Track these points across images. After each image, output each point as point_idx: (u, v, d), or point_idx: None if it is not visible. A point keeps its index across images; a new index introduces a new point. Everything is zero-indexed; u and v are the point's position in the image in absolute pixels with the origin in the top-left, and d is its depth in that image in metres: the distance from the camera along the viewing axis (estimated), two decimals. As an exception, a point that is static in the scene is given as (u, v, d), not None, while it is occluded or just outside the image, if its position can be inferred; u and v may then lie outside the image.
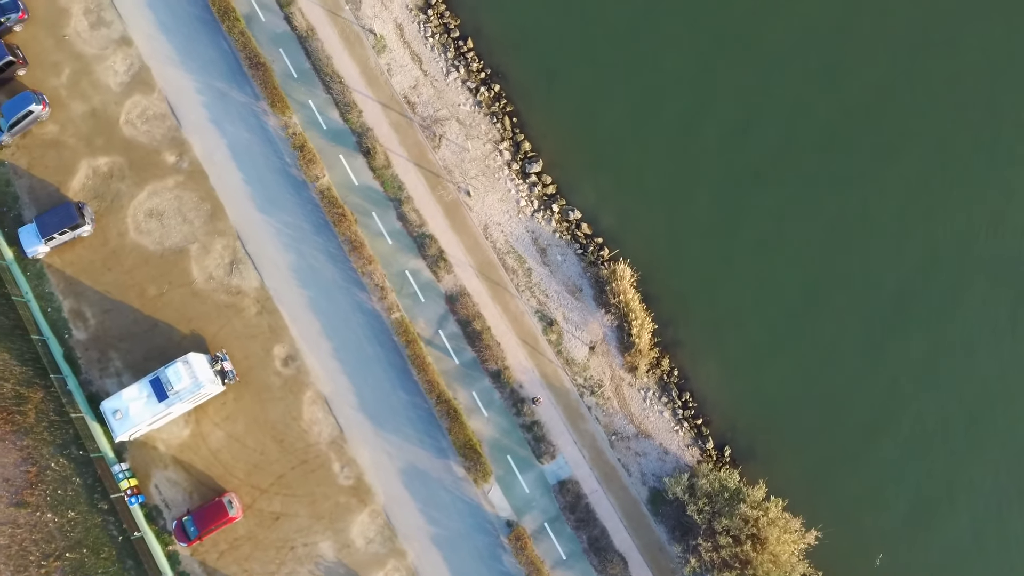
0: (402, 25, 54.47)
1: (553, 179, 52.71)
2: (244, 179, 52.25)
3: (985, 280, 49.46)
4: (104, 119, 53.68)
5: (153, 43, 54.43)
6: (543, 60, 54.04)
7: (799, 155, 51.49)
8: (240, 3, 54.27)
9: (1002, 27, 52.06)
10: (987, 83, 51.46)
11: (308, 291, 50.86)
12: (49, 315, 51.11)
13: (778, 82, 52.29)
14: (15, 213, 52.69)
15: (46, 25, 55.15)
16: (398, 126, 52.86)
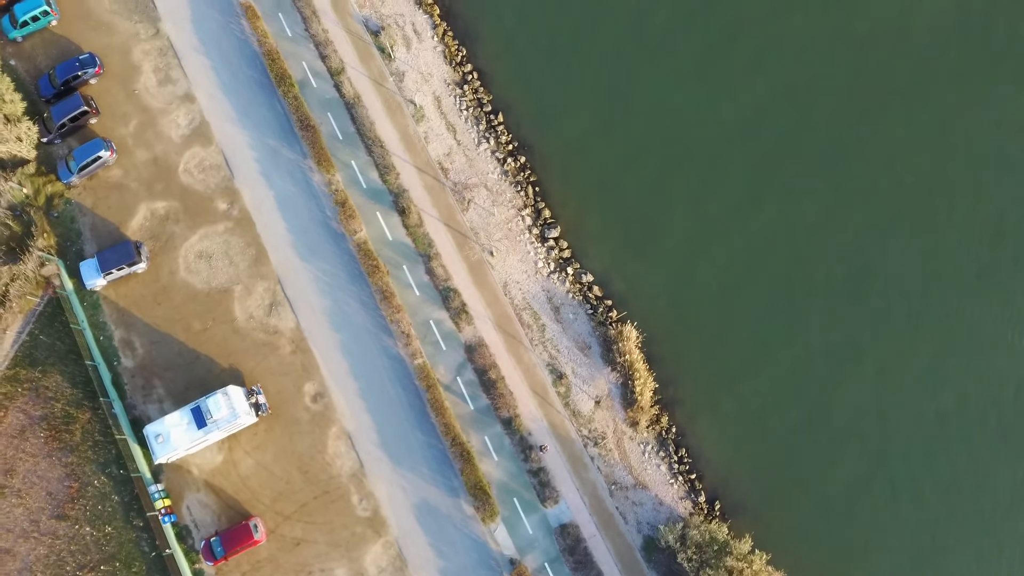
0: (440, 98, 60.10)
1: (569, 244, 57.60)
2: (288, 228, 57.36)
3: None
4: (164, 167, 59.12)
5: (214, 101, 60.16)
6: (565, 137, 59.33)
7: (797, 235, 56.30)
8: (295, 69, 60.14)
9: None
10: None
11: (340, 334, 55.43)
12: (101, 343, 55.76)
13: (780, 166, 57.42)
14: (78, 248, 57.80)
15: (119, 79, 61.06)
16: (431, 189, 58.07)
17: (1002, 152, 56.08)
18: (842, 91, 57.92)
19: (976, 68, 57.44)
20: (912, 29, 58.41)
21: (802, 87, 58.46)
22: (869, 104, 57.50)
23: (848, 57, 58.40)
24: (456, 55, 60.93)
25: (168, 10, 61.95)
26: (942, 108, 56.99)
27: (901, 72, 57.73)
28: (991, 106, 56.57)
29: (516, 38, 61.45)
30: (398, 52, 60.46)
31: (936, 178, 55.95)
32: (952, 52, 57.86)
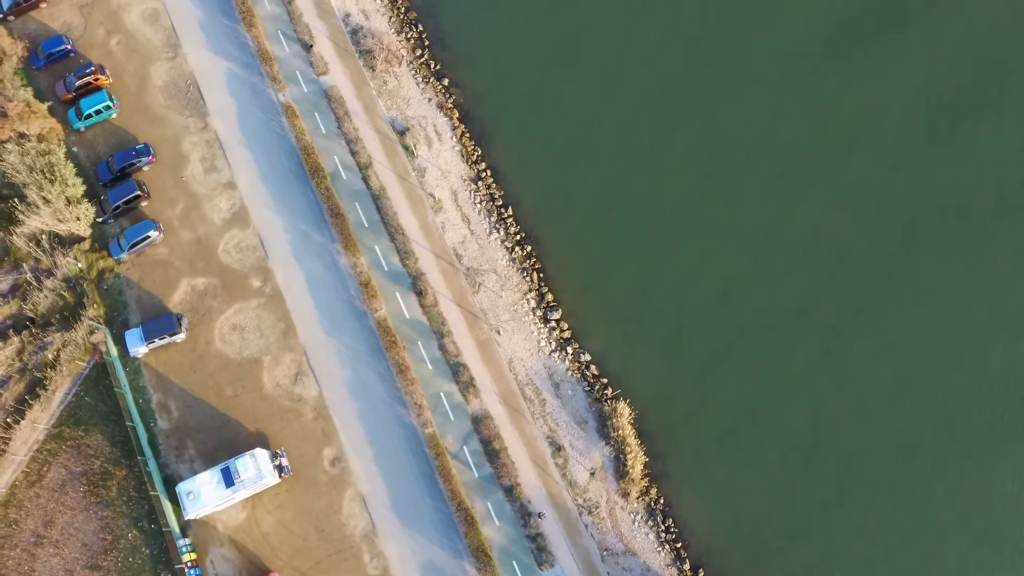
0: (456, 192, 66.80)
1: (569, 326, 63.23)
2: (315, 305, 63.23)
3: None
4: (206, 246, 65.49)
5: (254, 189, 66.97)
6: (567, 230, 65.67)
7: (778, 320, 61.88)
8: (328, 163, 67.11)
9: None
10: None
11: (358, 403, 60.59)
12: (140, 405, 61.01)
13: (768, 249, 63.31)
14: (124, 318, 63.65)
15: (169, 167, 68.07)
16: (446, 273, 64.13)
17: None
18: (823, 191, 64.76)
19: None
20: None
21: (787, 191, 65.28)
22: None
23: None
24: (472, 154, 67.97)
25: (216, 107, 69.50)
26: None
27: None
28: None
29: (526, 141, 68.44)
30: (420, 150, 67.56)
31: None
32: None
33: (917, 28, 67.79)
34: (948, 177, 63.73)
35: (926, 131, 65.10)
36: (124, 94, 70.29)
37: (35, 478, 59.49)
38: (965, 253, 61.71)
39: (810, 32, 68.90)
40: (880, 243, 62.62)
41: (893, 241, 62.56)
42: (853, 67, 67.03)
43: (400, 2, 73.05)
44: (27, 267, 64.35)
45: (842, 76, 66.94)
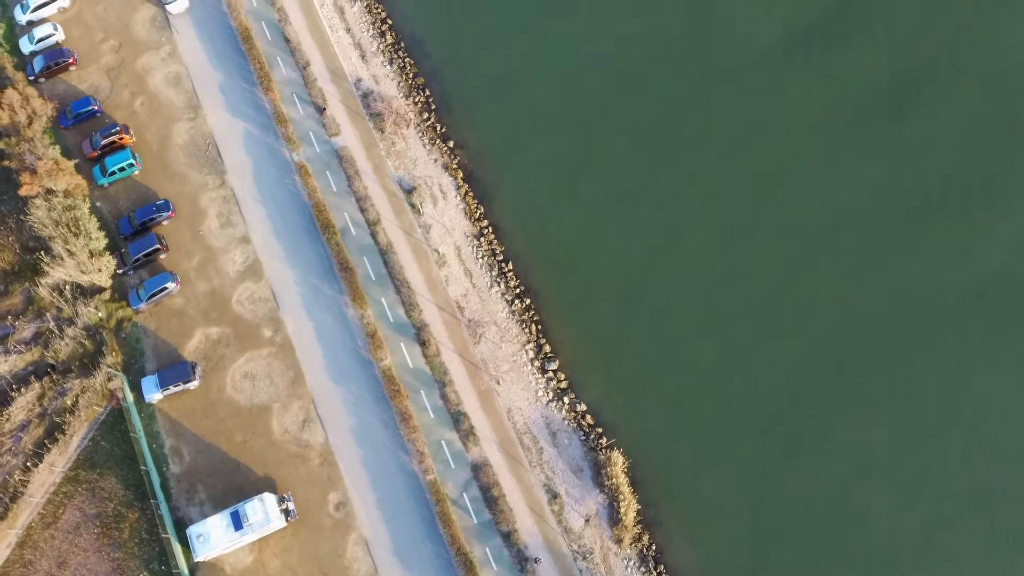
0: (460, 247, 70.23)
1: (566, 376, 66.00)
2: (323, 355, 66.15)
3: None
4: (220, 297, 68.70)
5: (267, 243, 70.47)
6: (564, 284, 68.84)
7: (764, 382, 64.62)
8: (338, 219, 70.74)
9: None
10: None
11: (362, 450, 63.08)
12: (154, 450, 63.55)
13: (764, 311, 66.24)
14: (140, 365, 66.58)
15: (187, 221, 71.71)
16: (449, 324, 67.17)
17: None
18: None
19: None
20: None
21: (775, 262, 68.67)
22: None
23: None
24: (475, 212, 71.58)
25: (233, 165, 73.43)
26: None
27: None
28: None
29: (526, 200, 71.98)
30: (426, 208, 71.20)
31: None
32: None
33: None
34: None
35: (924, 211, 68.67)
36: (146, 152, 74.38)
37: (50, 519, 61.79)
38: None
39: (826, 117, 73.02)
40: (877, 314, 65.85)
41: (889, 313, 65.80)
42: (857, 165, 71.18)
43: (409, 68, 77.58)
44: (50, 316, 67.52)
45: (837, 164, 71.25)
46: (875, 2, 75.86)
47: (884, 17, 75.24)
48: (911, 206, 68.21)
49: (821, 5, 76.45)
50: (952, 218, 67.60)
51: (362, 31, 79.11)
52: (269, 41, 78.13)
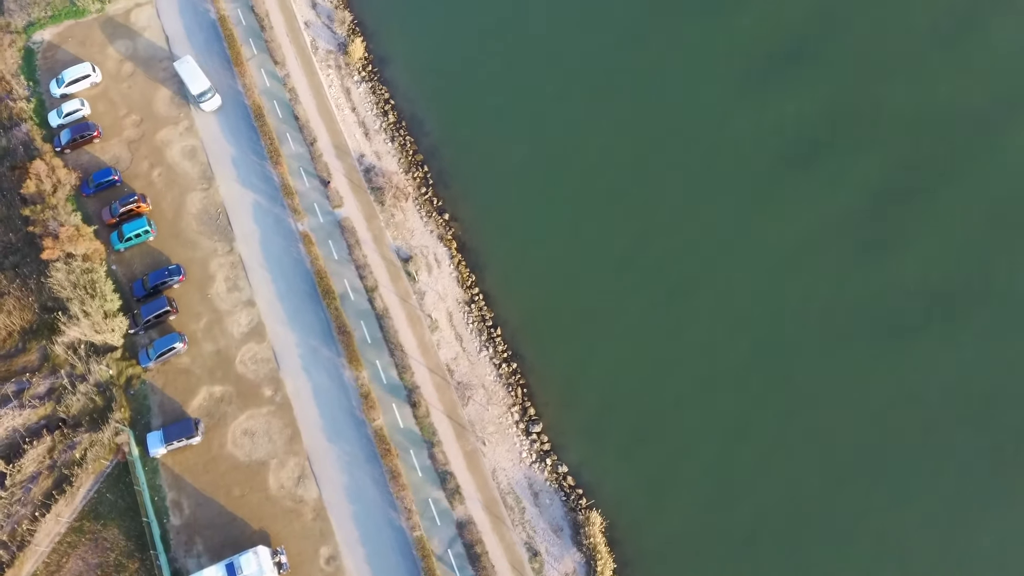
0: (452, 313, 74.56)
1: (549, 439, 69.47)
2: (320, 414, 69.87)
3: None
4: (225, 358, 72.84)
5: (271, 307, 74.94)
6: (550, 351, 72.83)
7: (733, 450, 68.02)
8: (338, 285, 75.32)
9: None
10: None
11: (354, 506, 66.26)
12: (156, 503, 66.84)
13: (740, 379, 69.99)
14: (146, 421, 70.37)
15: (197, 285, 76.37)
16: (439, 386, 71.02)
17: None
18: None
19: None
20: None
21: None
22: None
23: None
24: (467, 280, 76.12)
25: (242, 233, 78.45)
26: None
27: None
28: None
29: (515, 270, 76.47)
30: (421, 276, 75.79)
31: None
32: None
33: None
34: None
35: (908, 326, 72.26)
36: (161, 219, 79.57)
37: (54, 568, 64.79)
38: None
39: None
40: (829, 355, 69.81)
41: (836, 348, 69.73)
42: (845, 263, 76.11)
43: (409, 146, 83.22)
44: (64, 372, 71.63)
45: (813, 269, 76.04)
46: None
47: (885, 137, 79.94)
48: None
49: (826, 117, 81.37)
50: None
51: (366, 110, 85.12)
52: (280, 118, 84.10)
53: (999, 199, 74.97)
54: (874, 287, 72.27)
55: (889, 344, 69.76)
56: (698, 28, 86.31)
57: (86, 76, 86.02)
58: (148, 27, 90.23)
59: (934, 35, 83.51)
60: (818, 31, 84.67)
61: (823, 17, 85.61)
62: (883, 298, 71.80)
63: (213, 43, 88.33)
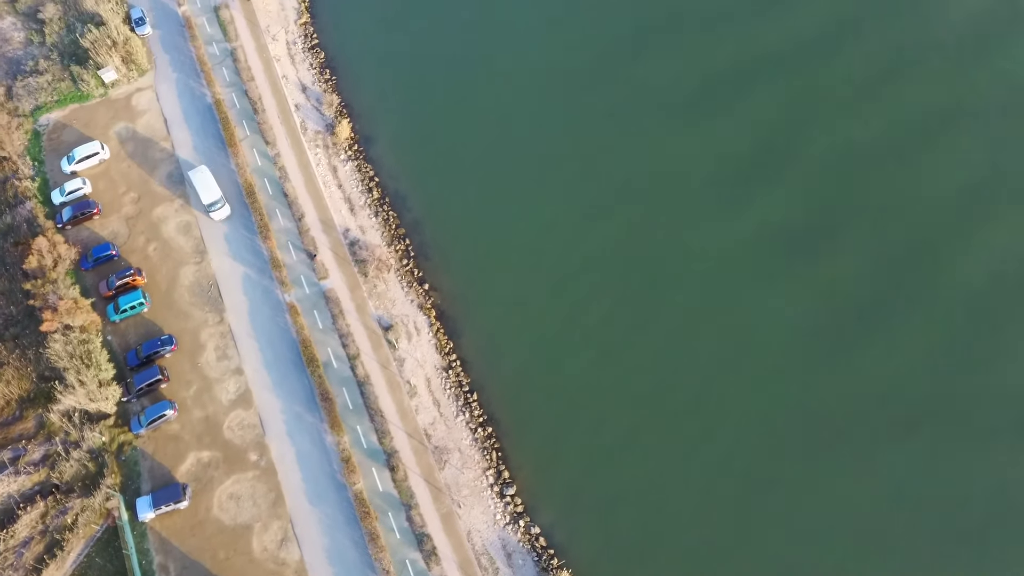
0: (430, 379, 78.32)
1: (522, 501, 72.48)
2: (303, 478, 72.98)
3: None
4: (213, 424, 76.22)
5: (257, 374, 78.66)
6: (523, 416, 76.34)
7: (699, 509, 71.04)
8: (322, 353, 79.22)
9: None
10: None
11: (334, 568, 68.82)
12: (144, 566, 69.37)
13: (703, 444, 73.41)
14: (136, 486, 73.33)
15: (187, 354, 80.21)
16: (416, 451, 74.31)
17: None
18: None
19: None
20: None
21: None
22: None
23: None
24: (445, 347, 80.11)
25: (232, 304, 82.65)
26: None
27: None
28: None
29: (490, 338, 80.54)
30: (402, 343, 79.77)
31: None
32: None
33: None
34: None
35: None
36: (155, 291, 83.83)
37: (43, 632, 67.00)
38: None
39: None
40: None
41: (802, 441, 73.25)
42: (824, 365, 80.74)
43: (392, 220, 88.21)
44: (58, 439, 74.87)
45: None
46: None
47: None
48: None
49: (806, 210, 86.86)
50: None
51: (352, 187, 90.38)
52: (270, 195, 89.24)
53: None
54: (847, 393, 74.98)
55: (870, 449, 72.72)
56: (694, 137, 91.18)
57: (95, 153, 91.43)
58: (148, 110, 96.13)
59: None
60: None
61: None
62: (852, 402, 74.96)
63: (209, 125, 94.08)
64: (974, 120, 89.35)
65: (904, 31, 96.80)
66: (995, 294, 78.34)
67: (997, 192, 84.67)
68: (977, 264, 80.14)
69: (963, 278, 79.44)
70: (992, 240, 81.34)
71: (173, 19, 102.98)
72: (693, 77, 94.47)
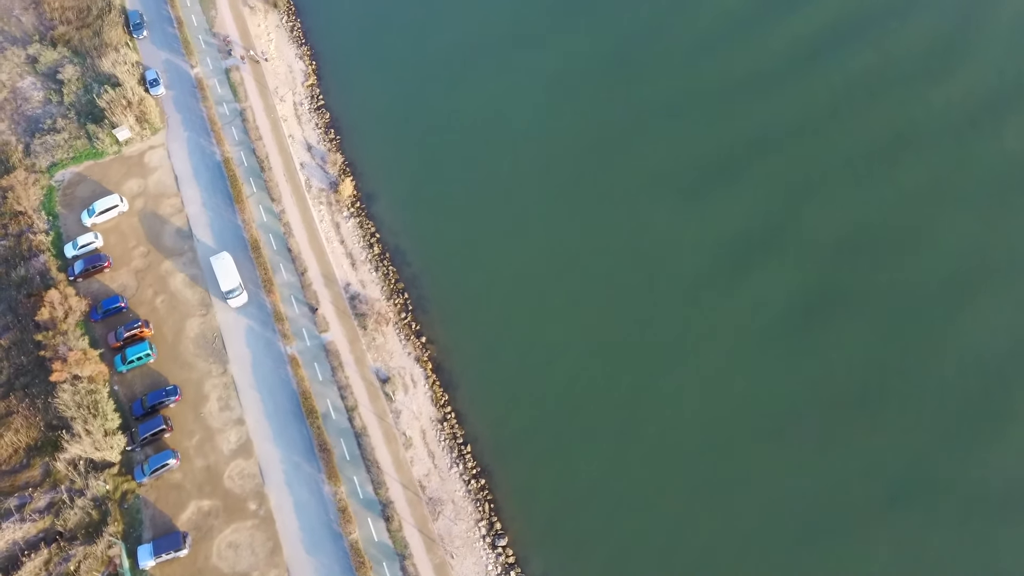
0: (425, 431, 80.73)
1: (514, 552, 74.32)
2: (300, 527, 74.94)
3: None
4: (214, 473, 78.44)
5: (258, 425, 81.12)
6: (516, 469, 78.59)
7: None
8: (321, 405, 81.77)
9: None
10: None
11: (328, 617, 70.63)
12: (142, 614, 71.16)
13: (698, 496, 75.46)
14: (138, 534, 75.30)
15: (191, 404, 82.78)
16: (411, 502, 76.37)
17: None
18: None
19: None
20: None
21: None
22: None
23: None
24: (441, 399, 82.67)
25: (235, 356, 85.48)
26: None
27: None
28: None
29: (485, 390, 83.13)
30: (398, 396, 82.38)
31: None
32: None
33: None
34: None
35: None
36: (162, 342, 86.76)
37: None
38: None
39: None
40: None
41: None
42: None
43: (391, 275, 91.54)
44: (63, 488, 77.05)
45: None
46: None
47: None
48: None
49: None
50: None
51: (354, 243, 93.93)
52: (274, 250, 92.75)
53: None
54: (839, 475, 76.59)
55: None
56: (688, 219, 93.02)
57: (115, 206, 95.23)
58: (160, 167, 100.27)
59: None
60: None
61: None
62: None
63: (217, 182, 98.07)
64: (972, 200, 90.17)
65: (899, 112, 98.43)
66: (989, 377, 79.82)
67: (993, 273, 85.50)
68: (976, 346, 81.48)
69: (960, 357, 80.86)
70: (991, 320, 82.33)
71: (186, 80, 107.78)
72: (692, 159, 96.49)
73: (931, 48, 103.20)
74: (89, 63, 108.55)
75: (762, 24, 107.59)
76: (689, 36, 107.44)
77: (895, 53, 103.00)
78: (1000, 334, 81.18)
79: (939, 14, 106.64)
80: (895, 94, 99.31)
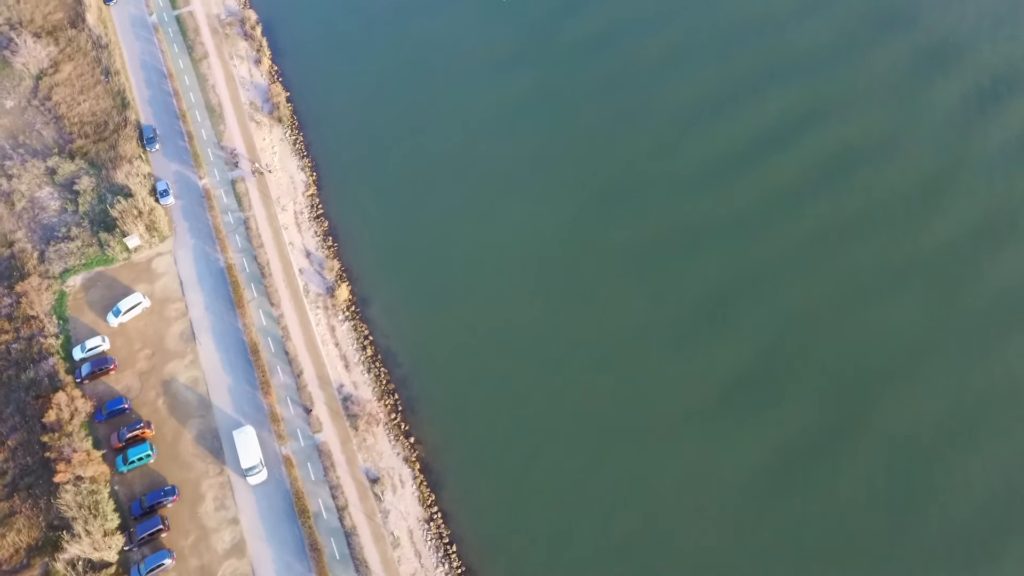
0: (412, 530, 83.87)
1: (497, 647, 76.65)
2: (289, 628, 77.35)
3: None
4: (208, 573, 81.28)
5: (252, 524, 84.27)
6: (502, 571, 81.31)
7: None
8: (312, 504, 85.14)
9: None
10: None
11: None
12: None
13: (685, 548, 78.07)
14: (132, 634, 77.54)
15: (188, 504, 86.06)
16: (398, 601, 79.09)
17: None
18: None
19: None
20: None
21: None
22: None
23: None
24: (427, 499, 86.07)
25: (232, 456, 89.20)
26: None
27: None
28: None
29: (470, 494, 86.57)
30: (387, 495, 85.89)
31: None
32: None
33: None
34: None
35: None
36: (162, 442, 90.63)
37: None
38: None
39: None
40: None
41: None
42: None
43: (383, 376, 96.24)
44: (61, 588, 79.66)
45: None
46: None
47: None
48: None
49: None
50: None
51: (348, 345, 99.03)
52: (272, 352, 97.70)
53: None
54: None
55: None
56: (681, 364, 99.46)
57: (138, 304, 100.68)
58: (166, 273, 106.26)
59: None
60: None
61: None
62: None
63: (220, 287, 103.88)
64: (966, 336, 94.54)
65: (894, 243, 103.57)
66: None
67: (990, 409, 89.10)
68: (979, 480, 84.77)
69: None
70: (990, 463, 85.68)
71: (194, 190, 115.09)
72: (676, 303, 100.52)
73: (918, 188, 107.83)
74: (104, 174, 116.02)
75: (745, 166, 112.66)
76: (667, 181, 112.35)
77: (880, 195, 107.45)
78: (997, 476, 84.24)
79: (928, 154, 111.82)
80: (883, 235, 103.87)
